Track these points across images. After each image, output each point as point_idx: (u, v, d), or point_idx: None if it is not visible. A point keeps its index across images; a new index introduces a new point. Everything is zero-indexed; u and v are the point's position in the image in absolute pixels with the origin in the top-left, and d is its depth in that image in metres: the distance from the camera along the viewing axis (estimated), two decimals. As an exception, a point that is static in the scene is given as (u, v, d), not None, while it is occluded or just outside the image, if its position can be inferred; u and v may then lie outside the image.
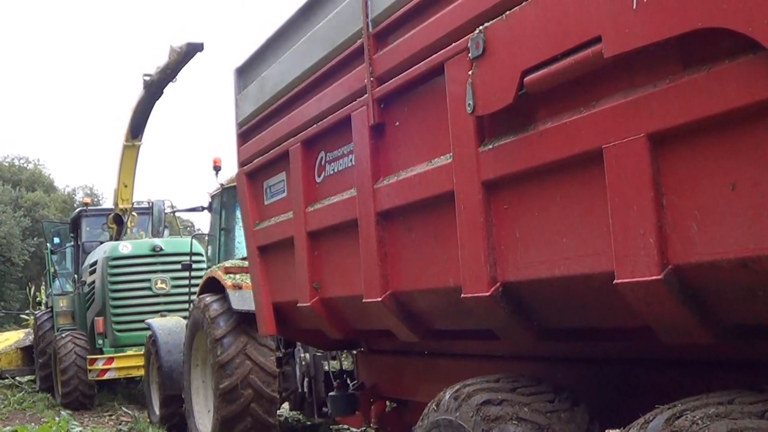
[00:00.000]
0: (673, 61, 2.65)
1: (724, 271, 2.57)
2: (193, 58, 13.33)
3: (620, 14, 2.73)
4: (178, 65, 13.48)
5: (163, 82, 13.97)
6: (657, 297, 2.75)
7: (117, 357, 14.01)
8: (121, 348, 14.27)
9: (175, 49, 13.12)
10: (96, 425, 12.38)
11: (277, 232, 5.92)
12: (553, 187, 3.18)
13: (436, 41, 3.84)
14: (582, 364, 3.93)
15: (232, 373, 8.10)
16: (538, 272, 3.30)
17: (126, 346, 14.27)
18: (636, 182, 2.74)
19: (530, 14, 3.17)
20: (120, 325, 14.33)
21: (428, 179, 3.95)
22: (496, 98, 3.34)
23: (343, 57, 4.81)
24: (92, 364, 13.90)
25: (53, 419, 12.48)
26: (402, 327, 4.59)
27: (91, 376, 13.95)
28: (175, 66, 13.49)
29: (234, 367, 8.10)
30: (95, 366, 13.85)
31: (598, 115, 2.89)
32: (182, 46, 13.07)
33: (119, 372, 13.93)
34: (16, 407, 15.14)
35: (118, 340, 14.34)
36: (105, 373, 13.89)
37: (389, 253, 4.42)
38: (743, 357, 3.09)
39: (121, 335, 14.31)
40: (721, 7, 2.39)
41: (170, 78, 13.83)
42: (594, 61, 2.86)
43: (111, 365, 13.88)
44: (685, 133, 2.60)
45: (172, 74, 13.72)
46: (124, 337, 14.32)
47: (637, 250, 2.76)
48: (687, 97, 2.56)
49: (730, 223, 2.49)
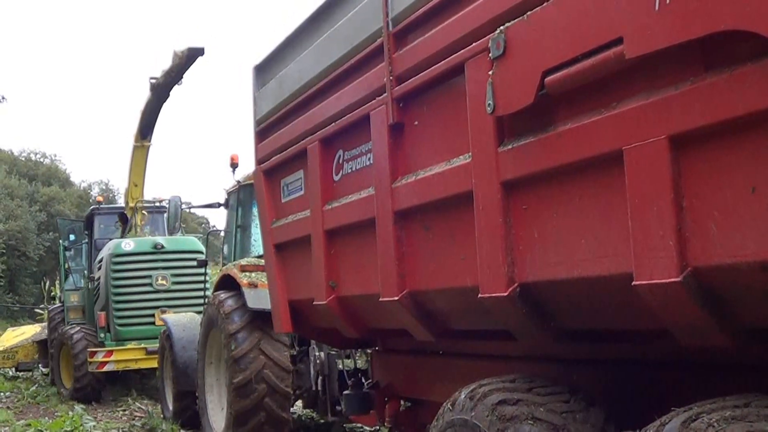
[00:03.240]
0: (694, 63, 2.65)
1: (743, 274, 2.56)
2: (195, 62, 13.64)
3: (642, 16, 2.73)
4: (182, 69, 13.79)
5: (168, 84, 14.28)
6: (675, 299, 2.75)
7: (116, 350, 14.32)
8: (122, 342, 14.55)
9: (177, 54, 13.44)
10: (109, 420, 12.48)
11: (294, 230, 5.95)
12: (573, 189, 3.18)
13: (456, 41, 3.85)
14: (598, 365, 3.92)
15: (246, 367, 8.14)
16: (556, 273, 3.30)
17: (127, 340, 14.59)
18: (656, 184, 2.74)
19: (552, 14, 3.17)
20: (121, 319, 14.65)
21: (447, 179, 3.96)
22: (517, 98, 3.35)
23: (363, 56, 4.82)
24: (92, 356, 14.24)
25: (67, 414, 12.58)
26: (418, 326, 4.60)
27: (90, 368, 14.30)
28: (178, 69, 13.79)
29: (248, 361, 8.15)
30: (95, 359, 14.19)
31: (619, 117, 2.89)
32: (183, 51, 13.40)
33: (117, 365, 14.23)
34: (29, 401, 15.28)
35: (120, 334, 14.64)
36: (104, 366, 14.19)
37: (406, 252, 4.43)
38: (761, 360, 3.08)
39: (122, 329, 14.61)
40: (744, 10, 2.39)
41: (175, 81, 14.14)
42: (615, 62, 2.86)
43: (110, 358, 14.19)
44: (706, 136, 2.60)
45: (177, 77, 14.03)
46: (125, 332, 14.62)
47: (656, 252, 2.76)
48: (708, 100, 2.56)
49: (750, 225, 2.49)
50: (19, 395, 16.05)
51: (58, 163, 54.18)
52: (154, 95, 14.62)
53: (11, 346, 19.15)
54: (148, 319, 14.49)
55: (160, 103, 14.90)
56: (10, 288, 36.98)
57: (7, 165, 46.77)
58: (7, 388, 17.00)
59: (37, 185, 45.69)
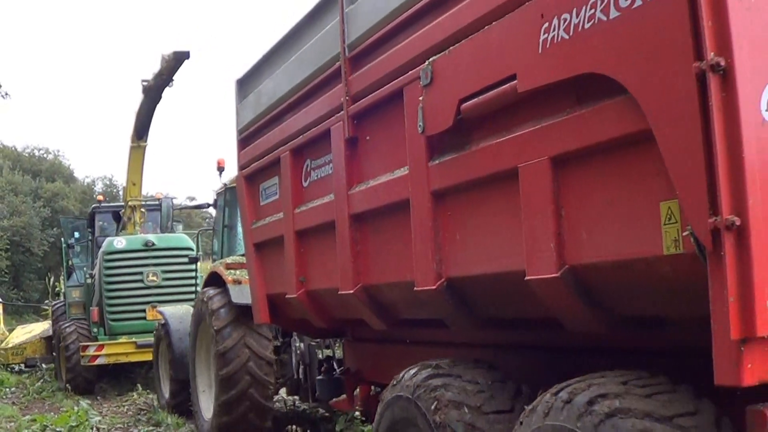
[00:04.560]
0: (569, 98, 3.23)
1: (606, 271, 3.16)
2: (182, 65, 14.01)
3: (530, 57, 3.32)
4: (170, 72, 14.16)
5: (159, 87, 14.68)
6: (556, 292, 3.34)
7: (107, 344, 14.86)
8: (114, 336, 15.12)
9: (165, 57, 13.86)
10: (114, 414, 12.67)
11: (271, 231, 6.54)
12: (483, 199, 3.78)
13: (397, 68, 4.45)
14: (513, 348, 4.53)
15: (232, 360, 8.70)
16: (473, 270, 3.90)
17: (119, 334, 15.14)
18: (541, 196, 3.33)
19: (466, 51, 3.76)
20: (114, 314, 15.19)
21: (390, 188, 4.56)
22: (440, 121, 3.94)
23: (325, 77, 5.41)
24: (84, 350, 14.78)
25: (72, 409, 12.68)
26: (372, 316, 5.20)
27: (83, 361, 14.81)
28: (167, 72, 14.17)
29: (233, 355, 8.71)
30: (87, 352, 14.73)
31: (516, 140, 3.49)
32: (170, 55, 13.80)
33: (109, 358, 14.76)
34: (35, 396, 15.53)
35: (112, 329, 15.20)
36: (96, 359, 14.73)
37: (360, 251, 5.02)
38: (637, 345, 3.66)
39: (114, 324, 15.16)
40: (599, 57, 2.98)
41: (165, 83, 14.53)
42: (511, 94, 3.45)
43: (101, 352, 14.73)
44: (577, 158, 3.19)
45: (167, 80, 14.41)
46: (117, 326, 15.17)
47: (541, 252, 3.35)
48: (579, 128, 3.15)
49: (608, 231, 3.08)
50: (24, 391, 16.30)
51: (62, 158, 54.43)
52: (147, 97, 15.09)
53: (20, 342, 19.73)
54: (140, 314, 15.07)
55: (153, 105, 15.35)
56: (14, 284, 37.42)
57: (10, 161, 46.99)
58: (13, 384, 17.22)
59: (40, 181, 45.98)
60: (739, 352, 2.53)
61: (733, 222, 2.49)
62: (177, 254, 15.10)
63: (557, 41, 3.17)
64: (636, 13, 2.82)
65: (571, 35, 3.10)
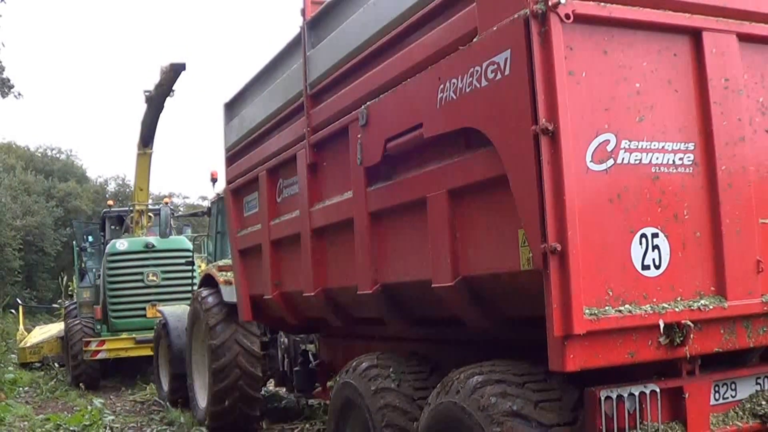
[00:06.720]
0: (460, 145, 4.10)
1: (486, 281, 4.03)
2: (179, 76, 14.62)
3: (431, 110, 4.19)
4: (169, 82, 14.78)
5: (160, 97, 15.33)
6: (453, 297, 4.22)
7: (108, 340, 15.70)
8: (116, 333, 15.96)
9: (163, 69, 14.51)
10: (128, 414, 12.69)
11: (252, 239, 7.43)
12: (405, 220, 4.66)
13: (344, 108, 5.32)
14: (438, 342, 5.41)
15: (224, 355, 9.55)
16: (398, 277, 4.78)
17: (121, 331, 15.95)
18: (441, 221, 4.20)
19: (391, 100, 4.63)
20: (116, 312, 16.00)
21: (339, 208, 5.44)
22: (372, 156, 4.82)
23: (293, 108, 6.30)
24: (87, 346, 15.64)
25: (86, 408, 12.71)
26: (331, 315, 6.09)
27: (85, 356, 15.64)
28: (167, 83, 14.80)
29: (225, 350, 9.56)
30: (89, 348, 15.60)
31: (424, 175, 4.36)
32: (167, 66, 14.41)
33: (109, 353, 15.60)
34: (48, 395, 15.56)
35: (114, 326, 16.02)
36: (97, 354, 15.58)
37: (319, 259, 5.90)
38: (522, 339, 4.51)
39: (116, 321, 15.98)
40: (474, 116, 3.84)
41: (166, 93, 15.15)
42: (420, 139, 4.32)
43: (102, 347, 15.58)
44: (466, 192, 4.06)
45: (167, 90, 15.04)
46: (119, 323, 15.98)
47: (441, 265, 4.22)
48: (465, 169, 4.02)
49: (487, 250, 3.95)
50: (38, 390, 16.37)
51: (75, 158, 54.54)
52: (150, 107, 15.82)
53: (37, 341, 20.54)
54: (140, 312, 15.89)
55: (156, 114, 16.11)
56: (27, 283, 37.79)
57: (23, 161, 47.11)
58: (26, 383, 17.30)
59: (53, 181, 46.19)
60: (563, 345, 3.39)
61: (555, 248, 3.34)
62: (176, 255, 15.88)
63: (449, 100, 4.03)
64: (498, 84, 3.67)
65: (457, 96, 3.96)
